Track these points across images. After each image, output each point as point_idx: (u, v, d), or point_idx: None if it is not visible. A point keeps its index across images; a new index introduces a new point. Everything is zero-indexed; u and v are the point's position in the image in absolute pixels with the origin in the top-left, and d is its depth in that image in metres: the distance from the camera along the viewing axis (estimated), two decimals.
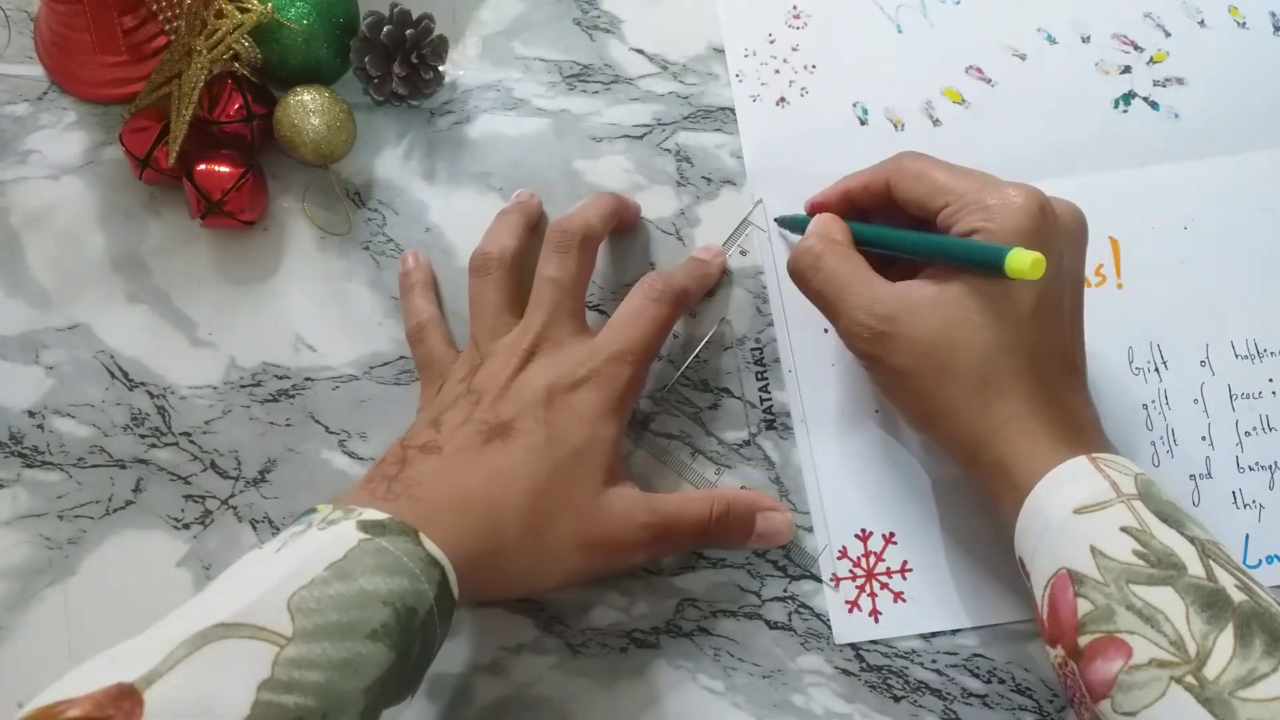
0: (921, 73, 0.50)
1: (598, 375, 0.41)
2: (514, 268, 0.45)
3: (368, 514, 0.35)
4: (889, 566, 0.44)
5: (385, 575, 0.33)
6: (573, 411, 0.40)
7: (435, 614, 0.34)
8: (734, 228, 0.48)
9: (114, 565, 0.45)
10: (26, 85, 0.51)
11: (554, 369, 0.41)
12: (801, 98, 0.50)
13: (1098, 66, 0.50)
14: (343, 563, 0.33)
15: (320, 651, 0.30)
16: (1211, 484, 0.45)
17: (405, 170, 0.50)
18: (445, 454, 0.39)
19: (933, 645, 0.43)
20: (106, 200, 0.50)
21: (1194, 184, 0.48)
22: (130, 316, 0.48)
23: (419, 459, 0.39)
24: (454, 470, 0.38)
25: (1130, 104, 0.49)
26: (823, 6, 0.52)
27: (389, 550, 0.33)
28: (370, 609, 0.32)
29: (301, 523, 0.36)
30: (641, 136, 0.50)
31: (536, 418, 0.40)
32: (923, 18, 0.51)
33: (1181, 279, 0.47)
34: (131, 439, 0.47)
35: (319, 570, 0.32)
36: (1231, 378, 0.46)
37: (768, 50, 0.51)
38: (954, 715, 0.42)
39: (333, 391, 0.47)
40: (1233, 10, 0.50)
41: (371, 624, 0.32)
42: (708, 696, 0.43)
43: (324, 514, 0.35)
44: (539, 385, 0.41)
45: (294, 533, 0.35)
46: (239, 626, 0.30)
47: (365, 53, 0.48)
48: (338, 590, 0.32)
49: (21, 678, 0.44)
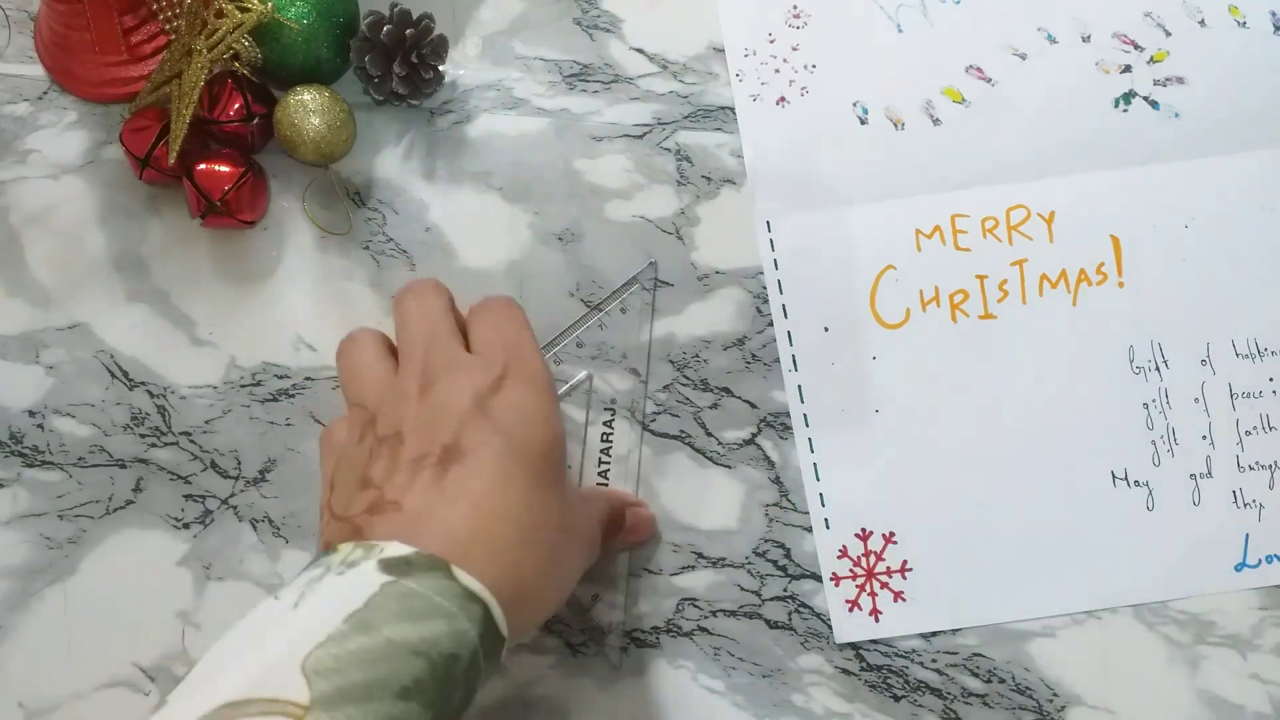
0: (922, 72, 0.50)
1: (512, 371, 0.37)
2: (382, 336, 0.41)
3: (391, 549, 0.31)
4: (889, 566, 0.44)
5: (413, 621, 0.29)
6: (512, 410, 0.36)
7: (480, 655, 0.30)
8: (625, 282, 0.48)
9: (114, 565, 0.45)
10: (26, 85, 0.51)
11: (465, 378, 0.36)
12: (802, 97, 0.50)
13: (1098, 66, 0.50)
14: (363, 612, 0.29)
15: (344, 719, 0.27)
16: (1212, 483, 0.45)
17: (405, 170, 0.50)
18: (405, 507, 0.33)
19: (933, 645, 0.43)
20: (106, 200, 0.50)
21: (1195, 183, 0.48)
22: (130, 316, 0.48)
23: (376, 525, 0.33)
24: (427, 519, 0.32)
25: (1131, 103, 0.49)
26: (823, 6, 0.52)
27: (417, 592, 0.29)
28: (398, 662, 0.28)
29: (319, 565, 0.31)
30: (642, 136, 0.50)
31: (479, 427, 0.35)
32: (923, 17, 0.51)
33: (1183, 278, 0.47)
34: (131, 439, 0.47)
35: (337, 624, 0.28)
36: (1232, 377, 0.46)
37: (768, 50, 0.51)
38: (954, 715, 0.42)
39: (333, 391, 0.47)
40: (1233, 10, 0.50)
41: (401, 680, 0.28)
42: (708, 696, 0.43)
43: (343, 554, 0.31)
44: (461, 397, 0.35)
45: (311, 579, 0.31)
46: (248, 704, 0.27)
47: (365, 52, 0.48)
48: (359, 645, 0.28)
49: (21, 678, 0.44)
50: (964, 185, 0.48)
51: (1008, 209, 0.48)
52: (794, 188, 0.48)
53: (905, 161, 0.49)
